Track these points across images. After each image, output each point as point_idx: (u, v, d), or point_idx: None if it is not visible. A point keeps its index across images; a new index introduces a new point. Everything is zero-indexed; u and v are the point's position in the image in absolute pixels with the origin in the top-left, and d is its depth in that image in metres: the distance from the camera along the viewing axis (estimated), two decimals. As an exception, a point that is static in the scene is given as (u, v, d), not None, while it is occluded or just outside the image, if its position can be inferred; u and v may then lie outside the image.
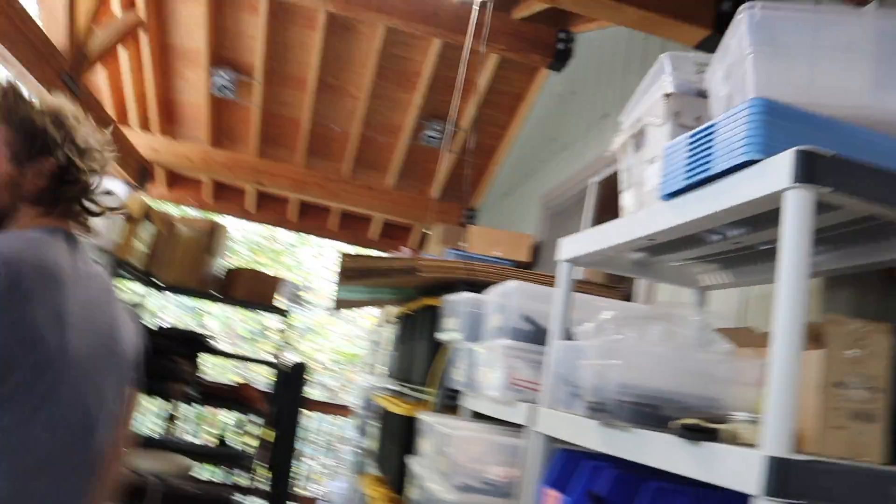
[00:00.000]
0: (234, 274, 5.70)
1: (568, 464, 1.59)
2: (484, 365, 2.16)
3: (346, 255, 2.76)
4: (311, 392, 6.79)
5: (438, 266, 2.71)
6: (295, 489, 6.09)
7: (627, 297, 2.76)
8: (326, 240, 8.26)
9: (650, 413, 1.31)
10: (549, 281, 2.30)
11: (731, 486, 0.99)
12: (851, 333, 1.22)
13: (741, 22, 1.28)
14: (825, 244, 1.47)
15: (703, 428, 1.07)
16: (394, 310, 4.17)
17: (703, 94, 1.54)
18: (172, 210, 6.58)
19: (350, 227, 7.20)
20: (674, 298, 2.45)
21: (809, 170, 1.03)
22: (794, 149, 1.04)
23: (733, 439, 1.08)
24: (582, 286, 2.22)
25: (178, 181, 6.73)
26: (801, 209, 1.02)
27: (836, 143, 1.16)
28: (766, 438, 0.95)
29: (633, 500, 1.34)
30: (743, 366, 1.31)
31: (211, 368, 9.14)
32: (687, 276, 1.92)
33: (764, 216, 1.34)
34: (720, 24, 2.57)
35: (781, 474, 0.92)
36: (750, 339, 1.49)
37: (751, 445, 1.01)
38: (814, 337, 1.23)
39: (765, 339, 1.42)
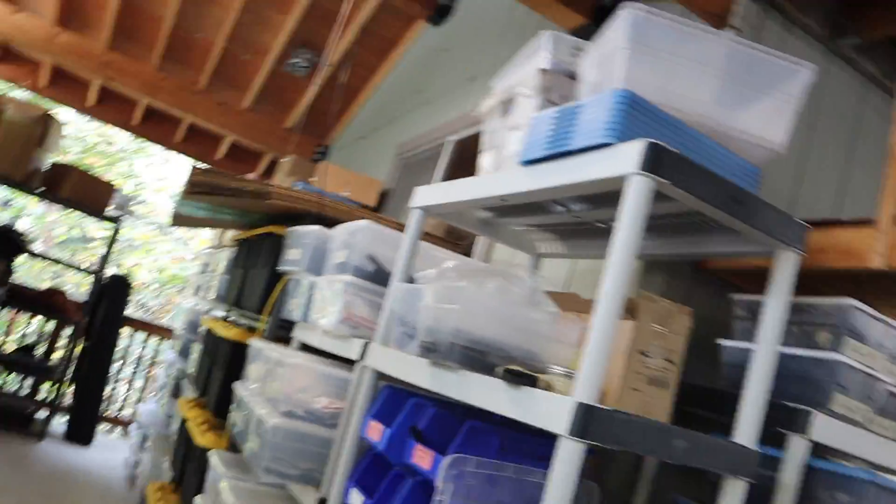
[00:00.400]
0: (62, 171, 5.28)
1: (393, 399, 1.67)
2: (322, 298, 2.20)
3: (196, 168, 2.66)
4: (131, 310, 6.49)
5: (291, 195, 2.69)
6: (103, 410, 5.83)
7: (466, 254, 2.89)
8: (169, 151, 7.82)
9: (477, 358, 1.41)
10: (395, 226, 2.37)
11: (543, 426, 1.11)
12: (660, 311, 1.38)
13: (622, 18, 1.38)
14: (654, 231, 1.64)
15: (525, 374, 1.19)
16: (232, 233, 4.07)
17: (573, 76, 1.65)
18: (-2, 89, 5.96)
19: (197, 143, 6.87)
20: (509, 261, 2.61)
21: (654, 161, 1.15)
22: (645, 140, 1.16)
23: (548, 388, 1.21)
24: (425, 237, 2.31)
25: (10, 57, 6.10)
26: (641, 194, 1.14)
27: (680, 142, 1.31)
28: (577, 389, 1.08)
29: (450, 437, 1.45)
30: (564, 326, 1.45)
31: (21, 271, 8.47)
32: (526, 241, 2.05)
33: (605, 196, 1.47)
34: (598, 15, 2.71)
35: (586, 419, 1.05)
36: (574, 304, 1.63)
37: (563, 394, 1.13)
38: (628, 309, 1.38)
39: (586, 305, 1.58)
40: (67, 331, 5.69)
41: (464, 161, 3.69)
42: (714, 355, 1.72)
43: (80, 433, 5.24)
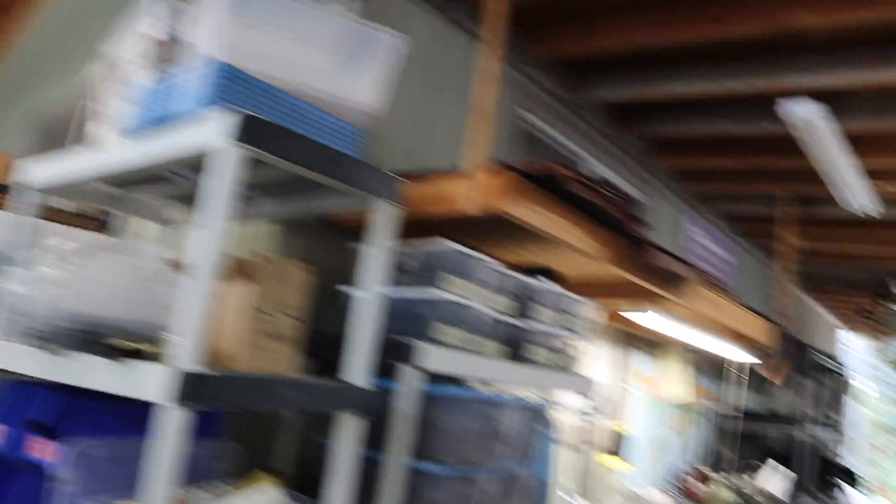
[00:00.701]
0: None
1: (14, 395, 1.56)
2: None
3: None
4: None
5: None
6: None
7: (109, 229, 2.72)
8: None
9: (94, 339, 1.37)
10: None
11: (147, 398, 1.11)
12: (275, 269, 1.46)
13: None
14: (268, 195, 1.70)
15: (128, 349, 1.18)
16: None
17: (178, 42, 1.63)
18: None
19: None
20: (155, 232, 2.52)
21: (246, 130, 1.20)
22: (236, 110, 1.20)
23: (160, 358, 1.22)
24: (58, 215, 2.14)
25: None
26: (231, 163, 1.18)
27: (279, 110, 1.37)
28: (177, 356, 1.10)
29: (75, 423, 1.39)
30: (187, 296, 1.46)
31: None
32: (155, 211, 2.01)
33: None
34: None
35: (188, 385, 1.08)
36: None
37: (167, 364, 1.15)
38: (244, 271, 1.44)
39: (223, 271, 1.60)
40: None
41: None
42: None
43: None
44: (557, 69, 3.19)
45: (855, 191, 3.39)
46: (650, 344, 4.06)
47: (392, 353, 1.57)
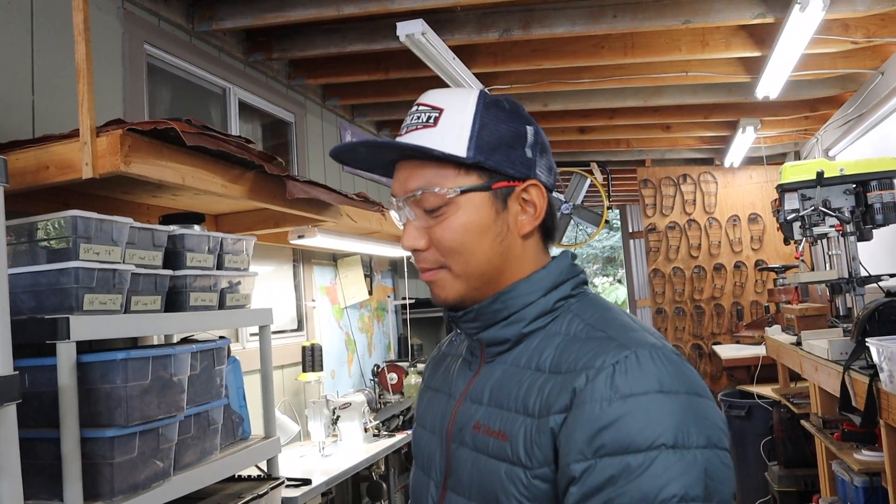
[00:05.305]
0: None
1: None
2: None
3: None
4: None
5: None
6: None
7: None
8: None
9: None
10: None
11: None
12: None
13: None
14: None
15: None
16: None
17: None
18: None
19: None
20: None
21: None
22: None
23: None
24: None
25: None
26: None
27: None
28: None
29: None
30: None
31: None
32: None
33: None
34: None
35: None
36: None
37: None
38: None
39: None
40: None
41: None
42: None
43: None
44: (181, 2, 3.09)
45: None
46: (331, 258, 4.29)
47: (40, 331, 1.54)
